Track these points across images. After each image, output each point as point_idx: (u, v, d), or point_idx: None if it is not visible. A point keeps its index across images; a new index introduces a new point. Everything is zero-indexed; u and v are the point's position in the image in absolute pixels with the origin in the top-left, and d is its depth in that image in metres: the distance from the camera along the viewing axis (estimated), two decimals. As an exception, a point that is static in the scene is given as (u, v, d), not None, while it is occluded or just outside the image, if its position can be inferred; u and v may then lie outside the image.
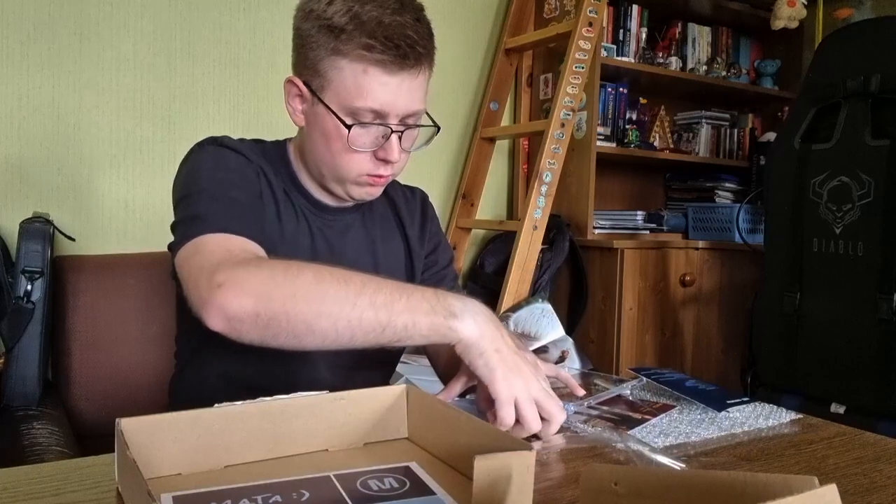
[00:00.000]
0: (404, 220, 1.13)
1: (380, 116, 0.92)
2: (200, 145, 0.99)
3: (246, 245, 0.84)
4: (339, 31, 0.89)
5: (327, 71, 0.91)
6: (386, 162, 0.95)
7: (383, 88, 0.90)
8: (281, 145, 1.07)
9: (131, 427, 0.59)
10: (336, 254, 1.04)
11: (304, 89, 0.95)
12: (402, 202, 1.14)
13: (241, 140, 1.04)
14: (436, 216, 1.20)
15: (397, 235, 1.13)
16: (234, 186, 0.91)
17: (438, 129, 1.00)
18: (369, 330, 0.75)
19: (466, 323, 0.76)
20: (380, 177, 0.97)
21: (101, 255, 1.67)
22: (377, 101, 0.90)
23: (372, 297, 0.75)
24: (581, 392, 0.90)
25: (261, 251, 0.86)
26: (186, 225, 0.86)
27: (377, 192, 1.01)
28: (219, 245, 0.82)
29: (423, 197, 1.20)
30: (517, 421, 0.75)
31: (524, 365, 0.78)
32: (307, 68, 0.94)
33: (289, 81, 0.97)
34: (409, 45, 0.89)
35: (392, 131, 0.93)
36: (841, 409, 1.84)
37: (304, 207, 1.03)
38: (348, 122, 0.91)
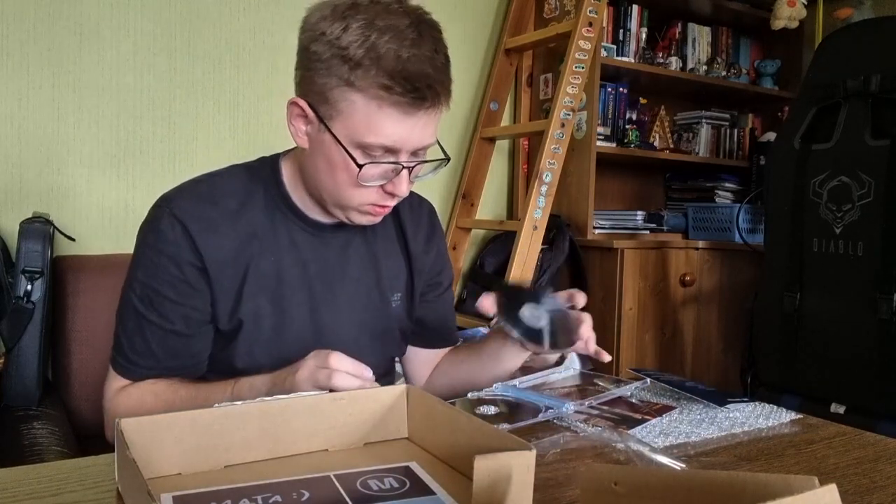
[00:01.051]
0: (407, 234, 1.10)
1: (390, 152, 0.89)
2: (155, 210, 0.96)
3: (127, 386, 0.97)
4: (355, 64, 0.84)
5: (338, 101, 0.87)
6: (393, 195, 0.93)
7: (397, 126, 0.87)
8: (272, 164, 1.02)
9: (131, 427, 0.59)
10: (336, 273, 1.02)
11: (310, 113, 0.90)
12: (406, 212, 1.11)
13: (217, 177, 0.99)
14: (443, 233, 1.18)
15: (398, 250, 1.10)
16: (155, 303, 0.94)
17: (448, 159, 0.96)
18: None
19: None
20: (384, 206, 0.94)
21: (101, 255, 1.67)
22: (389, 139, 0.87)
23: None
24: (606, 357, 0.97)
25: (149, 385, 0.96)
26: (114, 339, 0.99)
27: (379, 219, 0.98)
28: (109, 386, 0.97)
29: (431, 210, 1.16)
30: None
31: (296, 377, 0.83)
32: (315, 93, 0.89)
33: (293, 103, 0.91)
34: (427, 86, 0.85)
35: (403, 167, 0.90)
36: (841, 409, 1.84)
37: (299, 231, 1.00)
38: (360, 160, 0.87)
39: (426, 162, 0.94)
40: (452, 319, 1.20)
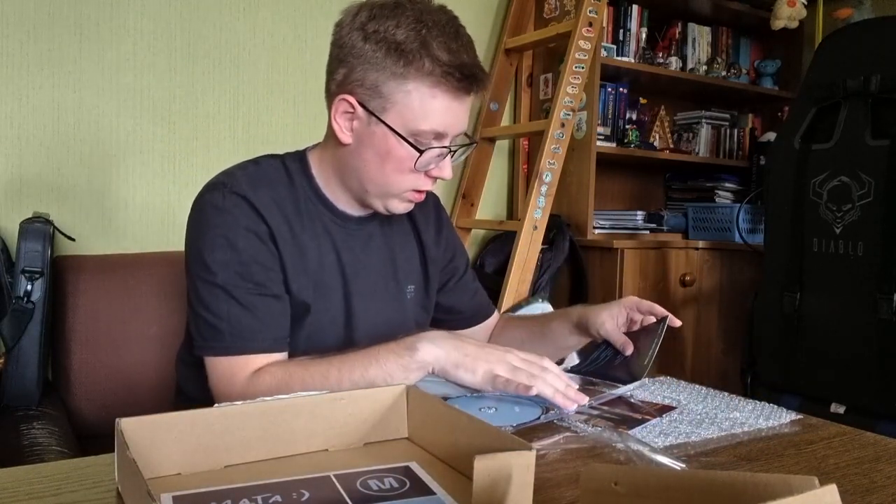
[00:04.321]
0: (419, 225, 1.16)
1: (439, 137, 0.95)
2: (211, 194, 0.97)
3: (259, 369, 0.92)
4: (412, 55, 0.90)
5: (392, 93, 0.92)
6: (434, 179, 0.99)
7: (448, 112, 0.94)
8: (301, 158, 1.06)
9: (131, 427, 0.59)
10: (361, 264, 1.06)
11: (359, 109, 0.95)
12: (416, 207, 1.14)
13: (256, 164, 1.02)
14: (449, 220, 1.24)
15: (413, 242, 1.15)
16: (248, 275, 0.94)
17: (476, 142, 1.04)
18: None
19: (427, 349, 0.86)
20: (423, 192, 1.01)
21: (101, 255, 1.67)
22: (441, 124, 0.94)
23: (350, 378, 0.87)
24: (677, 322, 1.05)
25: (276, 355, 0.94)
26: (208, 329, 0.93)
27: (412, 206, 1.04)
28: (235, 375, 0.92)
29: (436, 200, 1.22)
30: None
31: (493, 350, 0.89)
32: (365, 88, 0.94)
33: (342, 100, 0.96)
34: (474, 74, 0.94)
35: (450, 151, 0.97)
36: (841, 409, 1.84)
37: (329, 221, 1.04)
38: (421, 147, 0.94)
39: (465, 146, 1.01)
40: (481, 294, 1.27)
